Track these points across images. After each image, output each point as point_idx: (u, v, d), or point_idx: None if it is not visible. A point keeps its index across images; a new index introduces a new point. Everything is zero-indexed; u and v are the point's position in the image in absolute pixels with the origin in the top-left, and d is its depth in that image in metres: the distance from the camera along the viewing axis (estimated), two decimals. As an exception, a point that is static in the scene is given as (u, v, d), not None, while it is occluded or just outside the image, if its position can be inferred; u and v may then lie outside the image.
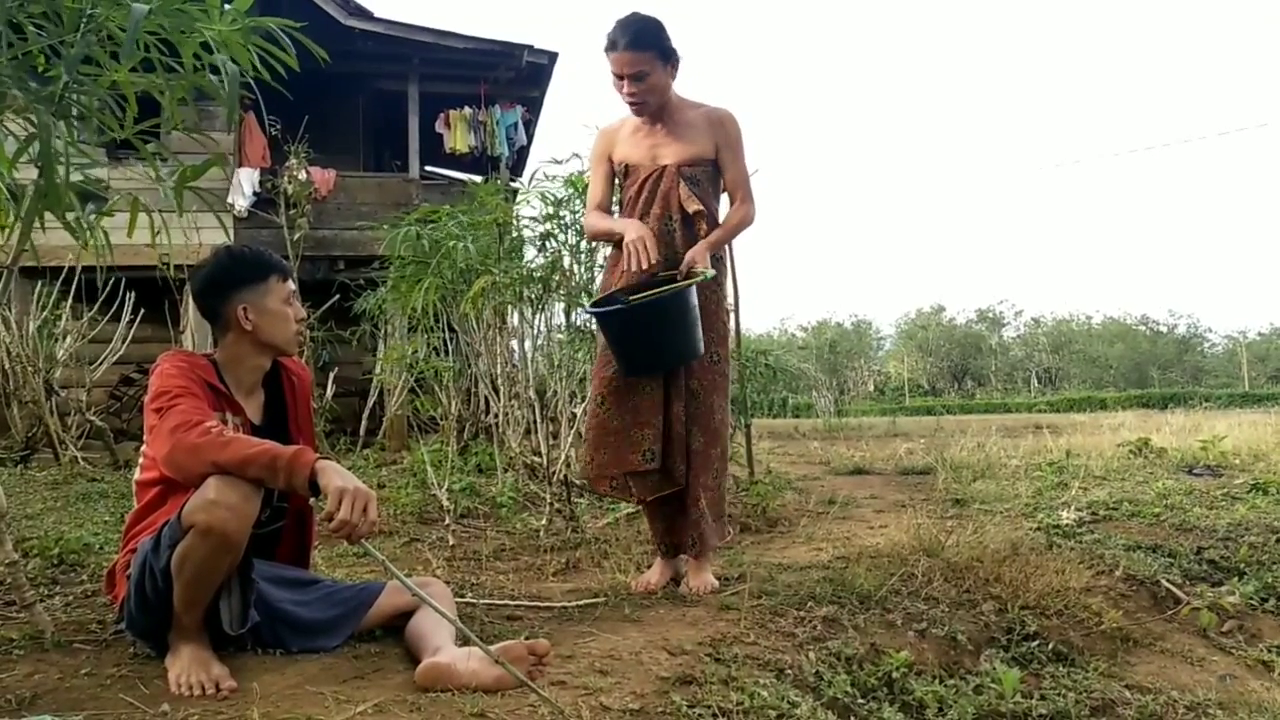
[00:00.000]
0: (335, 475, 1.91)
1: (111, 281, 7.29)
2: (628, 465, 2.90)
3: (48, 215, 2.22)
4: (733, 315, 4.80)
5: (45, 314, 7.08)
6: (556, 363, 5.21)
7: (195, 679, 1.89)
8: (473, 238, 4.97)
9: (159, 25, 2.04)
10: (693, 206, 2.93)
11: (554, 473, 4.33)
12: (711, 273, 2.89)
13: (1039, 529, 4.02)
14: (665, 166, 2.98)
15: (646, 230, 2.86)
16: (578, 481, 4.59)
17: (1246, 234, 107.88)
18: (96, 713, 1.79)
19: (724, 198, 3.11)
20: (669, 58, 2.92)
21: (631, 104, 2.95)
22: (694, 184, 2.97)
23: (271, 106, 9.50)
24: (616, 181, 3.16)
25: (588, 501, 4.72)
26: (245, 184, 10.33)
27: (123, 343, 7.64)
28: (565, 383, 4.95)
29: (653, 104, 2.96)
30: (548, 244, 4.93)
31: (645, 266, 2.82)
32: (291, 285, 2.36)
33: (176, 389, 2.09)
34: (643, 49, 2.85)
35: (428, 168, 12.43)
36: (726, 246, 3.32)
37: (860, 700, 2.19)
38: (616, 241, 3.04)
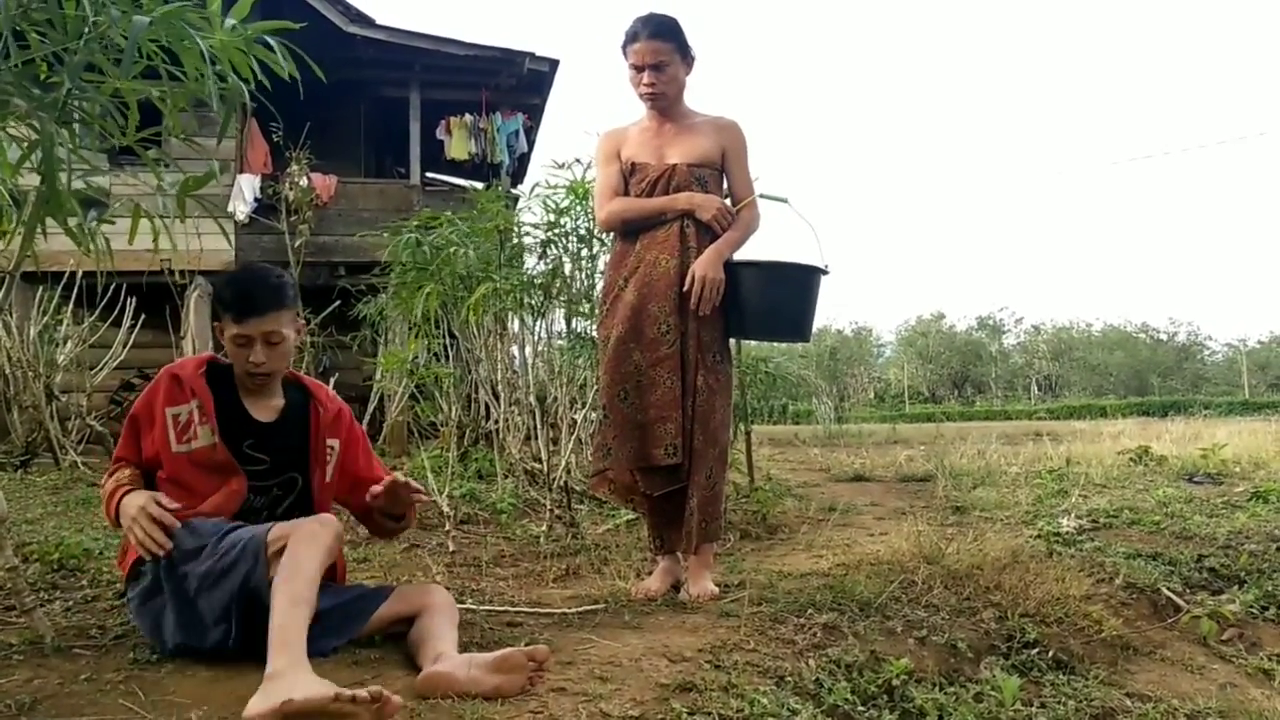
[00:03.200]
0: (122, 514, 2.14)
1: (112, 287, 7.30)
2: (651, 460, 2.91)
3: (49, 221, 2.23)
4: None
5: (46, 319, 7.08)
6: (557, 369, 5.21)
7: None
8: (474, 244, 4.98)
9: (160, 34, 2.04)
10: None
11: (554, 479, 4.33)
12: (785, 197, 3.12)
13: (1039, 537, 4.02)
14: (675, 165, 3.00)
15: (715, 199, 2.97)
16: (578, 488, 4.59)
17: (1246, 242, 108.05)
18: (96, 718, 1.79)
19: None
20: (686, 53, 3.00)
21: (649, 95, 2.97)
22: (702, 185, 3.00)
23: (272, 113, 9.52)
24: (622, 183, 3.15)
25: (588, 508, 4.72)
26: (246, 190, 10.34)
27: (123, 348, 7.64)
28: (565, 389, 4.95)
29: (669, 96, 3.00)
30: (548, 251, 4.94)
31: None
32: (244, 330, 2.27)
33: (130, 417, 2.30)
34: (664, 39, 2.93)
35: (429, 174, 12.44)
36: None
37: (860, 708, 2.18)
38: (624, 234, 3.06)
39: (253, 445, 2.34)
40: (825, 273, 2.98)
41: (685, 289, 2.90)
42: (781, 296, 2.99)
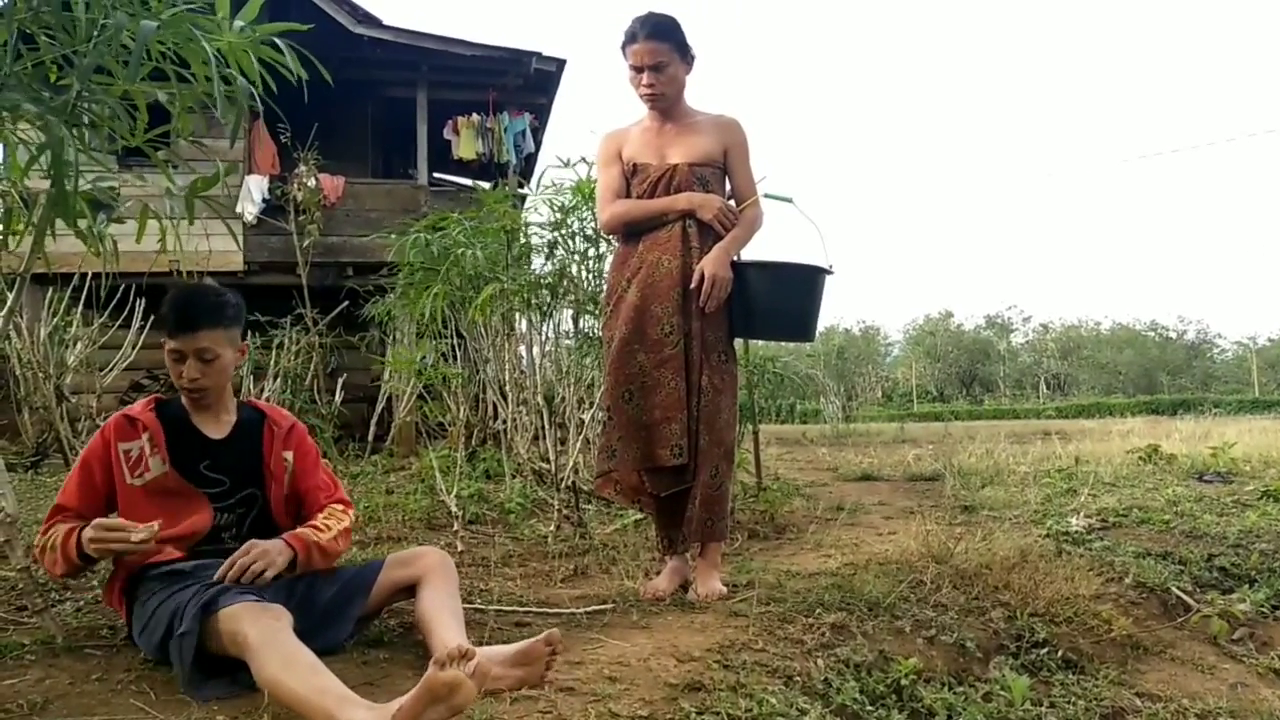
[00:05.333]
0: (87, 545, 2.12)
1: (121, 288, 7.33)
2: (656, 460, 2.91)
3: (59, 222, 2.24)
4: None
5: (56, 320, 7.12)
6: (564, 369, 5.22)
7: None
8: (481, 245, 4.98)
9: (168, 36, 2.05)
10: None
11: (562, 479, 4.33)
12: (790, 196, 3.09)
13: (1048, 536, 4.01)
14: (676, 165, 3.00)
15: (716, 199, 2.97)
16: (586, 488, 4.59)
17: (1256, 239, 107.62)
18: (108, 717, 1.80)
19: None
20: (686, 53, 2.99)
21: (649, 95, 2.97)
22: (704, 185, 2.99)
23: (280, 114, 9.53)
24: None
25: (596, 508, 4.72)
26: (255, 191, 10.38)
27: (133, 349, 7.67)
28: (573, 389, 4.96)
29: (669, 97, 2.99)
30: (555, 251, 4.94)
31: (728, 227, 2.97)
32: (177, 345, 2.32)
33: (81, 460, 2.31)
34: (663, 40, 2.92)
35: (436, 174, 12.45)
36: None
37: (869, 707, 2.18)
38: (626, 236, 3.06)
39: (209, 465, 2.36)
40: (830, 273, 2.99)
41: (693, 287, 2.90)
42: (787, 296, 2.99)
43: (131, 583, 2.23)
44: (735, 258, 2.98)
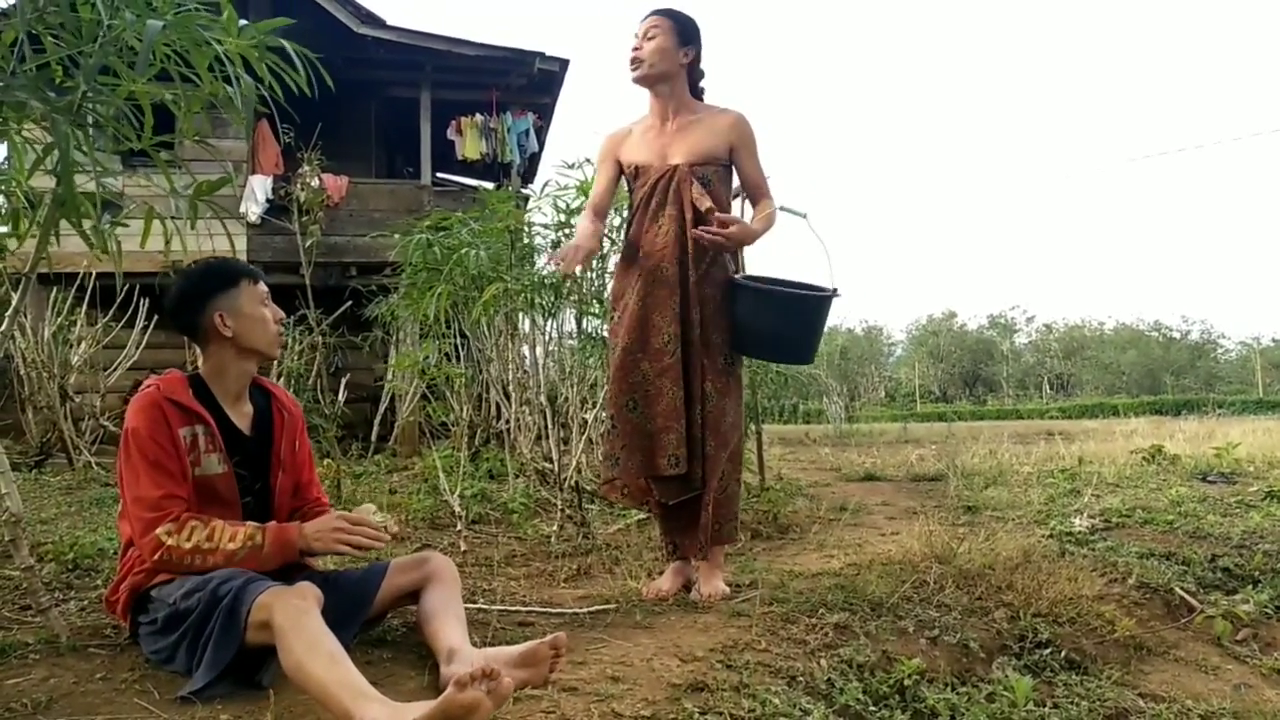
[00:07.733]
0: (315, 539, 2.18)
1: (125, 288, 7.35)
2: (656, 469, 2.89)
3: (63, 223, 2.25)
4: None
5: (60, 320, 7.14)
6: (568, 369, 5.22)
7: None
8: (484, 245, 4.98)
9: (174, 38, 2.06)
10: (704, 204, 2.90)
11: (565, 479, 4.34)
12: (804, 212, 3.07)
13: (1051, 536, 4.01)
14: (676, 166, 2.97)
15: (581, 245, 2.89)
16: (589, 488, 4.59)
17: (1261, 240, 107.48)
18: (111, 717, 1.80)
19: (735, 204, 3.12)
20: (686, 40, 2.98)
21: (631, 61, 2.98)
22: (705, 183, 2.95)
23: (284, 114, 9.54)
24: (626, 187, 3.15)
25: (599, 508, 4.73)
26: (258, 191, 10.39)
27: (136, 349, 7.69)
28: (576, 389, 4.96)
29: (652, 68, 2.96)
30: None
31: (562, 269, 2.90)
32: (263, 287, 2.37)
33: (143, 458, 2.11)
34: (663, 16, 2.98)
35: (439, 174, 12.44)
36: (737, 251, 3.31)
37: (872, 708, 2.18)
38: (627, 246, 3.06)
39: (239, 461, 2.30)
40: (836, 296, 2.94)
41: (700, 228, 2.84)
42: (788, 324, 2.95)
43: (138, 601, 2.17)
44: (739, 275, 2.96)
